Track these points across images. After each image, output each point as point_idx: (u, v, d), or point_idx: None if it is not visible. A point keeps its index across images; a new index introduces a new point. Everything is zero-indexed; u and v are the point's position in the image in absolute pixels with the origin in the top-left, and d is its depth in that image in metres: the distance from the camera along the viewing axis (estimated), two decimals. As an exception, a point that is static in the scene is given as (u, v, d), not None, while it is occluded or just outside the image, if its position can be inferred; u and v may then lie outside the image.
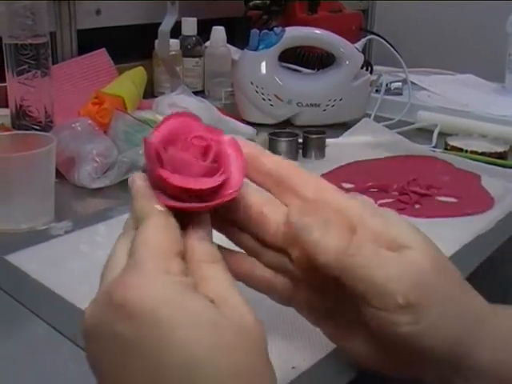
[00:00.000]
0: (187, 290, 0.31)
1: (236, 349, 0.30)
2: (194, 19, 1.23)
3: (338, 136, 0.96)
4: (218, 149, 0.36)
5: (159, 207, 0.35)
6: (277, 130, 0.89)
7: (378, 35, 1.28)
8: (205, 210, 0.36)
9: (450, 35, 1.70)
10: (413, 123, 1.05)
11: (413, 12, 1.77)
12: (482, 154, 0.89)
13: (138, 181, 0.37)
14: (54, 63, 0.99)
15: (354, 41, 1.06)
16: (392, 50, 1.15)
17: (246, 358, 0.30)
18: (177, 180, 0.35)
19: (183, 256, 0.34)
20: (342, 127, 1.01)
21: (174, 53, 1.17)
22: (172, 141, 0.36)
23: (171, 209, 0.35)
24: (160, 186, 0.36)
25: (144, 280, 0.31)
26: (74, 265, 0.56)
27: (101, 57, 1.11)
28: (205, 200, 0.36)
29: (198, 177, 0.35)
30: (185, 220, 0.36)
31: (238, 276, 0.39)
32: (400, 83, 1.18)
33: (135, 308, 0.30)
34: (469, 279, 0.38)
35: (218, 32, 1.23)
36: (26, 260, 0.56)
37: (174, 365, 0.29)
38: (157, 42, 1.13)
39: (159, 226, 0.34)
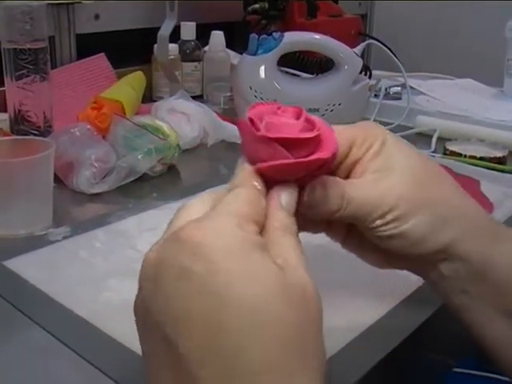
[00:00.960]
0: (255, 247, 0.33)
1: (294, 308, 0.32)
2: (193, 24, 1.23)
3: (336, 141, 0.96)
4: (310, 117, 0.37)
5: (257, 184, 0.36)
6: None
7: (377, 40, 1.28)
8: (303, 165, 0.36)
9: (449, 40, 1.70)
10: (412, 128, 1.05)
11: (412, 16, 1.77)
12: (481, 158, 0.89)
13: (246, 163, 0.38)
14: (52, 68, 0.99)
15: (352, 45, 1.06)
16: (391, 54, 1.16)
17: (301, 319, 0.32)
18: (275, 134, 0.35)
19: (261, 228, 0.35)
20: (340, 132, 1.00)
21: (172, 57, 1.17)
22: (268, 112, 0.37)
23: (268, 170, 0.36)
24: (260, 155, 0.36)
25: (217, 226, 0.33)
26: (72, 271, 0.56)
27: (100, 61, 1.11)
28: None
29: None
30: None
31: None
32: (399, 88, 1.18)
33: (203, 247, 0.32)
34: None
35: (217, 36, 1.23)
36: (24, 266, 0.56)
37: (231, 307, 0.30)
38: (156, 46, 1.13)
39: (247, 196, 0.36)
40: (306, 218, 0.41)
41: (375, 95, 1.12)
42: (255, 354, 0.30)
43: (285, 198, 0.37)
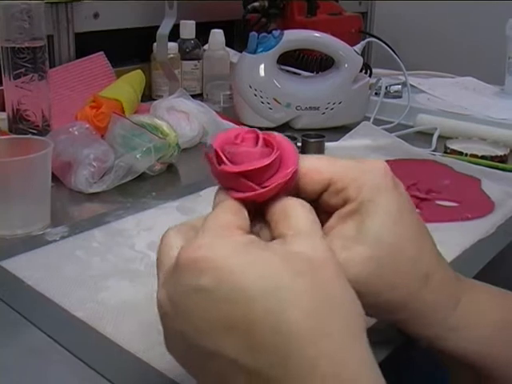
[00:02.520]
0: (246, 243, 0.34)
1: (301, 275, 0.32)
2: (193, 22, 1.22)
3: (337, 140, 0.95)
4: (269, 137, 0.39)
5: (233, 200, 0.38)
6: (275, 134, 0.88)
7: (378, 38, 1.28)
8: (266, 194, 0.38)
9: (449, 38, 1.70)
10: (412, 126, 1.05)
11: (412, 15, 1.77)
12: (482, 157, 0.88)
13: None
14: (51, 67, 0.99)
15: (353, 44, 1.05)
16: (391, 52, 1.15)
17: (313, 284, 0.33)
18: (232, 168, 0.37)
19: (246, 232, 0.37)
20: (341, 131, 1.00)
21: (172, 56, 1.17)
22: (228, 142, 0.39)
23: (240, 200, 0.38)
24: (228, 185, 0.39)
25: (208, 241, 0.34)
26: (69, 271, 0.55)
27: (99, 60, 1.10)
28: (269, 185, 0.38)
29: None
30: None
31: None
32: (399, 86, 1.17)
33: (202, 262, 0.33)
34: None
35: (217, 35, 1.22)
36: (21, 266, 0.56)
37: (248, 301, 0.32)
38: (155, 45, 1.13)
39: (226, 209, 0.37)
40: None
41: (376, 93, 1.12)
42: (289, 329, 0.31)
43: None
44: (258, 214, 0.39)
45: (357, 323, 0.33)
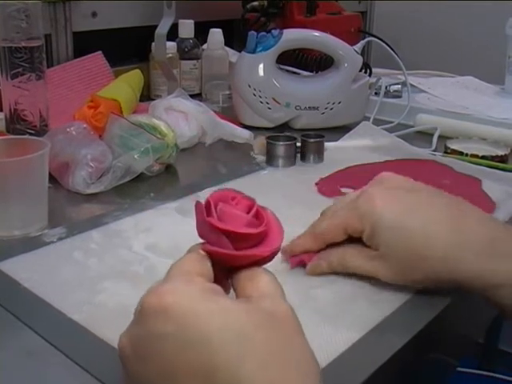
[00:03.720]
0: (209, 291, 0.36)
1: (264, 328, 0.34)
2: (191, 21, 1.22)
3: (336, 139, 0.95)
4: (262, 210, 0.41)
5: (201, 251, 0.40)
6: (275, 134, 0.88)
7: (377, 37, 1.27)
8: (238, 258, 0.39)
9: (449, 37, 1.70)
10: (412, 126, 1.04)
11: (412, 14, 1.76)
12: (483, 157, 0.88)
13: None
14: (49, 66, 0.98)
15: (352, 43, 1.05)
16: (391, 52, 1.14)
17: (277, 334, 0.35)
18: (218, 223, 0.39)
19: (209, 281, 0.38)
20: (340, 130, 0.99)
21: (170, 55, 1.16)
22: (223, 200, 0.40)
23: (210, 252, 0.39)
24: (207, 237, 0.40)
25: (170, 287, 0.36)
26: (66, 273, 0.55)
27: (97, 60, 1.10)
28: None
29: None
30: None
31: None
32: (399, 86, 1.17)
33: (166, 308, 0.34)
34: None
35: (216, 34, 1.22)
36: (18, 268, 0.55)
37: (210, 347, 0.33)
38: (153, 44, 1.12)
39: (191, 258, 0.39)
40: None
41: (375, 93, 1.11)
42: (248, 377, 0.32)
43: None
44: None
45: (314, 380, 0.34)
